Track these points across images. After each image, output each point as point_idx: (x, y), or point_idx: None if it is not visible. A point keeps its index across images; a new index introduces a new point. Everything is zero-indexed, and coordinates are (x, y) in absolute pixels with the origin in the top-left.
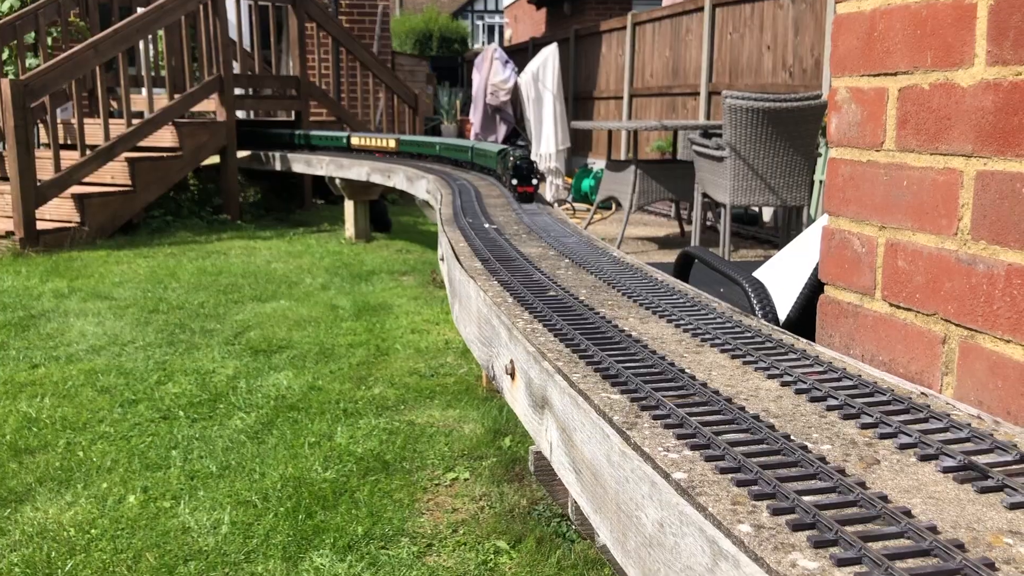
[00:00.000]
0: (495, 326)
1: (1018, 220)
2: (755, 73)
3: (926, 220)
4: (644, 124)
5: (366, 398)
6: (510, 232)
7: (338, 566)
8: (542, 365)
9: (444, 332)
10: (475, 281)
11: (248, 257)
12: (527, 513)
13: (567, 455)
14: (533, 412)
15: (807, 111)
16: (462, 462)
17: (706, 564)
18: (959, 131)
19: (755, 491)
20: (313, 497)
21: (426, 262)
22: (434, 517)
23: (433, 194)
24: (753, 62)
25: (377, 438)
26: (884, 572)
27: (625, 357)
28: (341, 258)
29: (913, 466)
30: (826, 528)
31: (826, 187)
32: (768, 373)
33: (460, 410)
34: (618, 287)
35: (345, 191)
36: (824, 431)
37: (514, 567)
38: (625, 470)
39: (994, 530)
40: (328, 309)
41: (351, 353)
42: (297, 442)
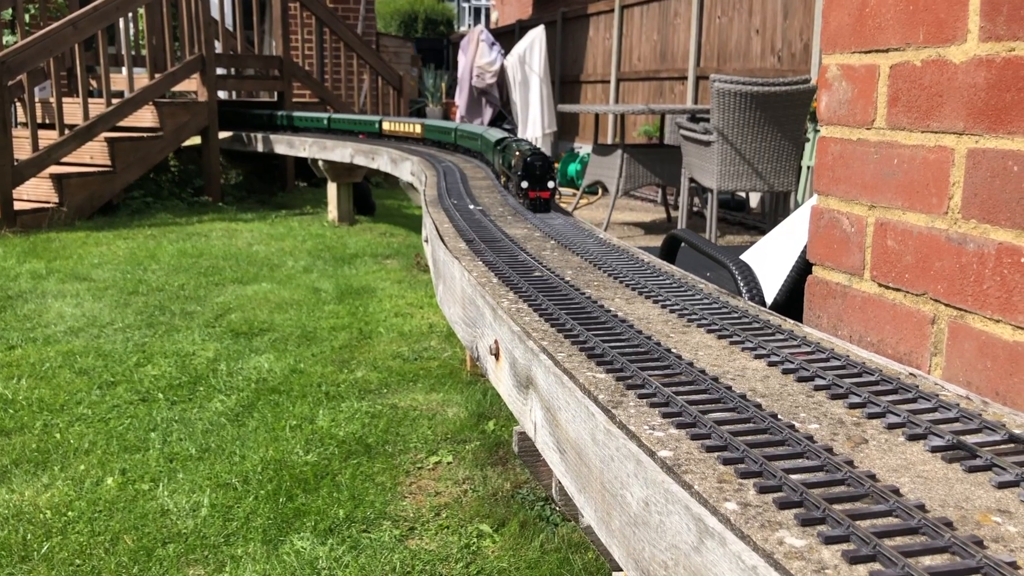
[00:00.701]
0: (479, 306)
1: (1009, 199)
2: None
3: (916, 199)
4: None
5: (348, 381)
6: (495, 213)
7: (319, 549)
8: (527, 344)
9: (428, 316)
10: (459, 262)
11: (229, 239)
12: (510, 496)
13: (551, 435)
14: (517, 392)
15: (795, 96)
16: (445, 445)
17: (692, 542)
18: (951, 108)
19: (742, 469)
20: (294, 480)
21: (410, 245)
22: (416, 501)
23: (417, 176)
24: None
25: (359, 421)
26: (872, 550)
27: (611, 337)
28: (324, 241)
29: (901, 445)
30: (813, 506)
31: (815, 166)
32: (755, 353)
33: (443, 394)
34: (604, 268)
35: (328, 173)
36: (812, 411)
37: (497, 551)
38: (610, 449)
39: (983, 509)
40: (310, 292)
41: (333, 336)
42: (278, 425)
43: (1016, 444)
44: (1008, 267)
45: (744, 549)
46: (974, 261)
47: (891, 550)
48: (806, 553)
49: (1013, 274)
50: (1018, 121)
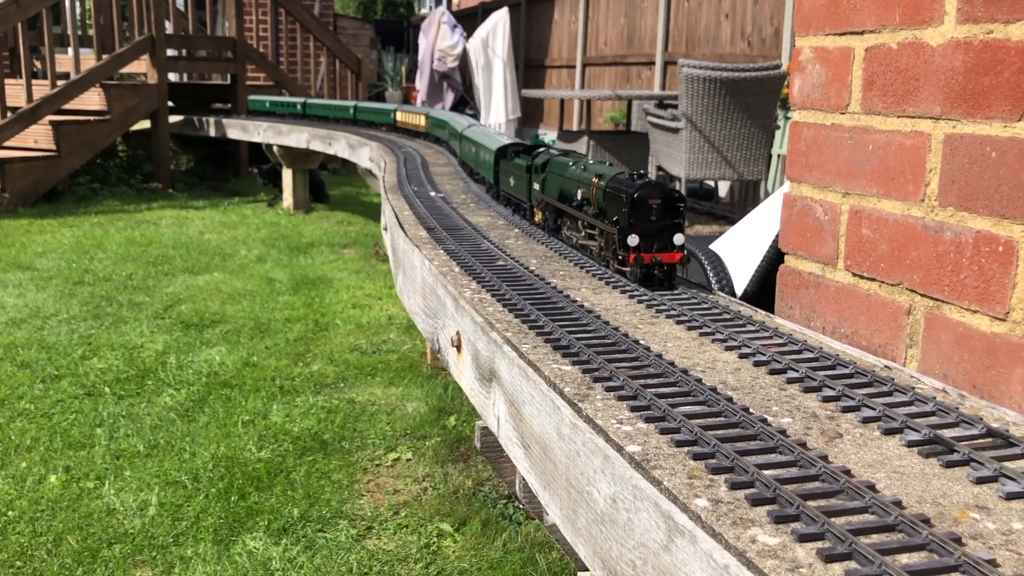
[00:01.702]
0: (441, 296)
1: (987, 185)
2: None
3: (892, 186)
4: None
5: (304, 375)
6: (457, 201)
7: (272, 549)
8: (490, 336)
9: (387, 307)
10: (420, 250)
11: (180, 227)
12: (472, 494)
13: (515, 429)
14: (480, 385)
15: (766, 81)
16: (404, 442)
17: (661, 540)
18: (927, 92)
19: (712, 465)
20: (246, 478)
21: (368, 234)
22: (374, 499)
23: (376, 162)
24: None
25: (315, 417)
26: (848, 548)
27: (577, 328)
28: (278, 229)
29: (877, 440)
30: (787, 503)
31: (788, 152)
32: (726, 345)
33: (403, 388)
34: (570, 257)
35: (284, 159)
36: (784, 404)
37: (458, 550)
38: (576, 444)
39: (960, 505)
40: (264, 282)
41: (288, 328)
42: (230, 420)
43: (994, 438)
44: (986, 256)
45: (715, 547)
46: (951, 250)
47: (867, 548)
48: (780, 551)
49: (991, 263)
50: (996, 106)
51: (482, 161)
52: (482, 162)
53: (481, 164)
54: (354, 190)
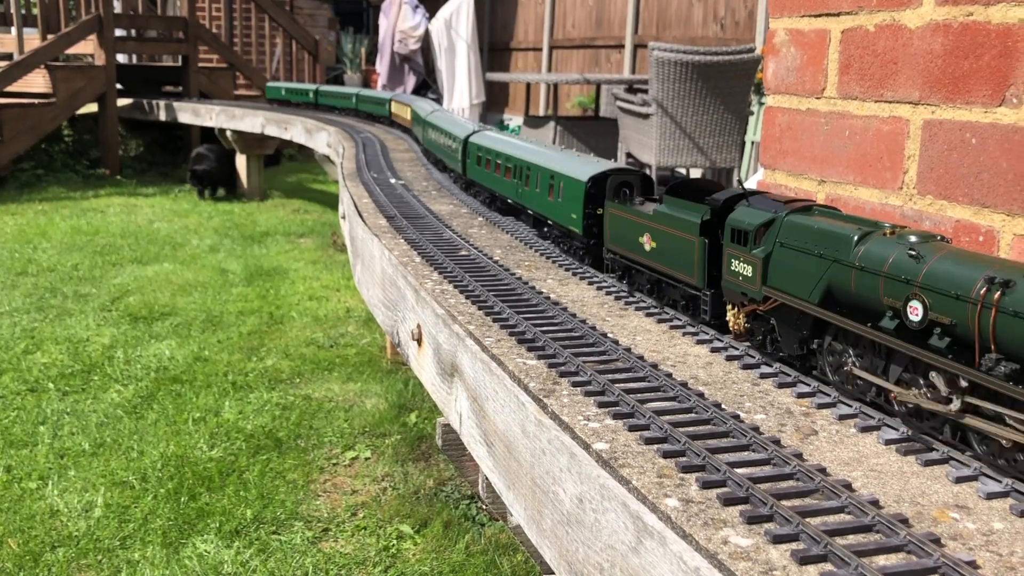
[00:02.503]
0: (401, 288)
1: (967, 173)
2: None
3: (869, 173)
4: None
5: (257, 370)
6: (419, 188)
7: (224, 552)
8: (452, 329)
9: (345, 299)
10: (379, 239)
11: (128, 215)
12: (433, 495)
13: (478, 427)
14: (442, 381)
15: (739, 66)
16: (363, 440)
17: (629, 542)
18: (906, 76)
19: (683, 463)
20: (197, 477)
21: (326, 223)
22: (331, 499)
23: (335, 147)
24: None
25: (269, 414)
26: (823, 549)
27: (543, 320)
28: (232, 218)
29: (853, 437)
30: (760, 503)
31: (762, 138)
32: (697, 338)
33: (362, 383)
34: (535, 247)
35: (237, 144)
36: (758, 400)
37: (418, 553)
38: (541, 441)
39: (939, 504)
40: (217, 273)
41: (241, 321)
42: (180, 418)
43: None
44: (966, 246)
45: (686, 549)
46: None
47: (843, 549)
48: (753, 553)
49: None
50: (976, 90)
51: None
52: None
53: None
54: (311, 177)
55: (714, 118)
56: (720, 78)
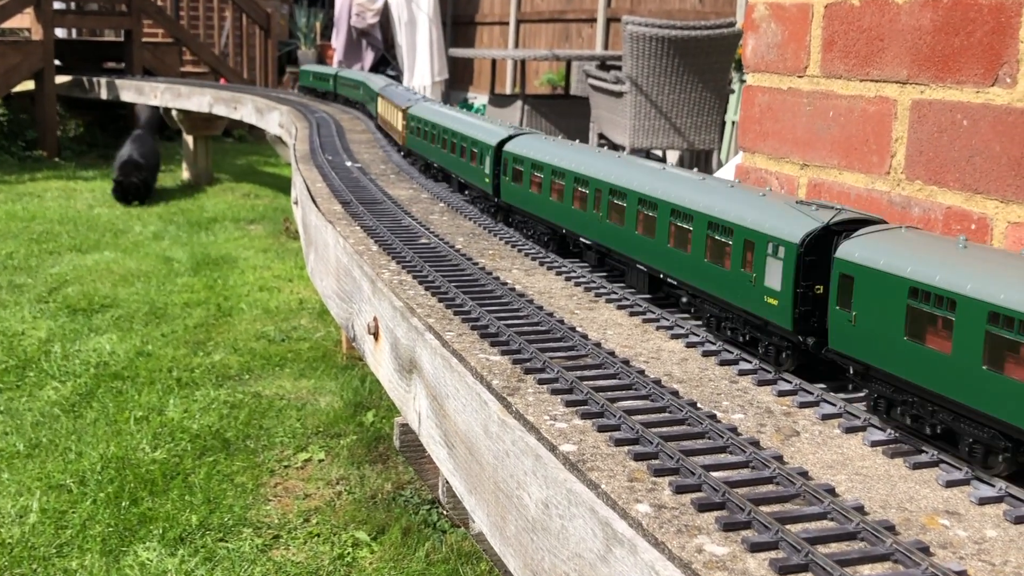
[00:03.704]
0: (356, 278)
1: (958, 157)
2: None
3: (855, 157)
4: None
5: (204, 366)
6: (376, 171)
7: (167, 561)
8: (411, 322)
9: (298, 290)
10: (334, 226)
11: (67, 200)
12: (391, 499)
13: (438, 427)
14: (400, 378)
15: (719, 41)
16: (316, 440)
17: (598, 550)
18: (893, 54)
19: (655, 466)
20: (139, 481)
21: (278, 209)
22: (282, 504)
23: (287, 128)
24: None
25: (216, 412)
26: (804, 558)
27: (507, 313)
28: (177, 203)
29: (837, 438)
30: (738, 508)
31: (740, 119)
32: (672, 332)
33: (315, 380)
34: (501, 235)
35: (184, 124)
36: (736, 398)
37: (375, 561)
38: (505, 443)
39: (929, 510)
40: (161, 262)
41: (187, 313)
42: (121, 417)
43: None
44: (957, 234)
45: (658, 558)
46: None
47: (825, 558)
48: (729, 562)
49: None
50: (968, 69)
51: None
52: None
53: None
54: (262, 159)
55: (692, 97)
56: (698, 54)
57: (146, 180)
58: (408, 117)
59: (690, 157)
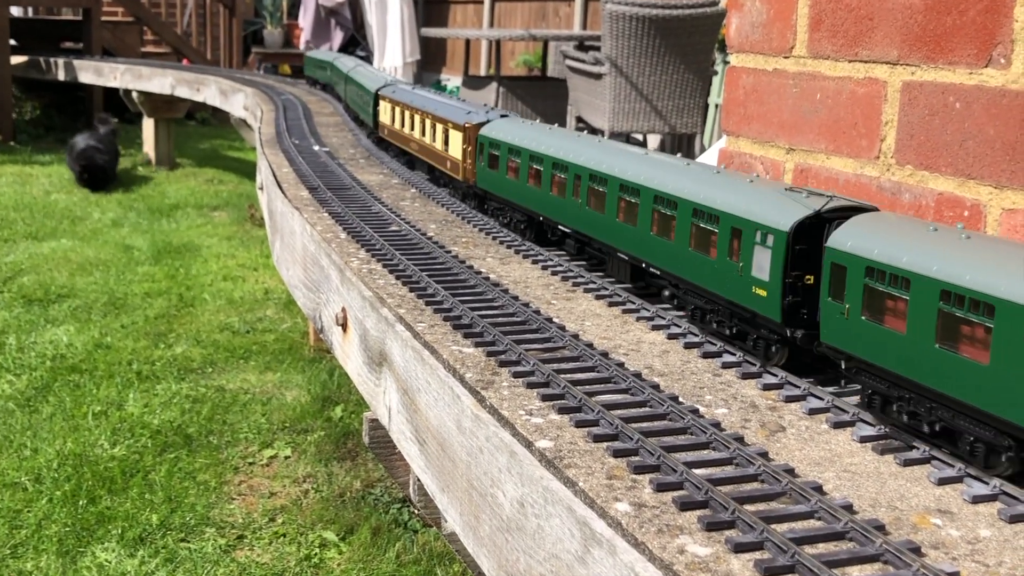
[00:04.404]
0: (324, 267)
1: (950, 141)
2: None
3: (843, 140)
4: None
5: (165, 358)
6: (345, 156)
7: (127, 562)
8: (380, 313)
9: (264, 279)
10: (300, 213)
11: (22, 186)
12: (361, 498)
13: (409, 422)
14: (369, 371)
15: (702, 20)
16: (283, 436)
17: (575, 551)
18: (883, 34)
19: (635, 463)
20: (97, 479)
21: (243, 195)
22: (247, 503)
23: (252, 111)
24: None
25: (178, 407)
26: (790, 559)
27: (481, 304)
28: (138, 189)
29: (825, 434)
30: (721, 507)
31: (724, 102)
32: (653, 324)
33: (281, 373)
34: (474, 222)
35: (144, 107)
36: (719, 392)
37: (344, 563)
38: (479, 438)
39: (920, 509)
40: (120, 250)
41: (148, 304)
42: (79, 412)
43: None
44: (950, 222)
45: (638, 559)
46: (910, 214)
47: (812, 559)
48: (712, 563)
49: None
50: (961, 49)
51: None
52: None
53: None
54: (226, 143)
55: (674, 79)
56: (680, 34)
57: (110, 164)
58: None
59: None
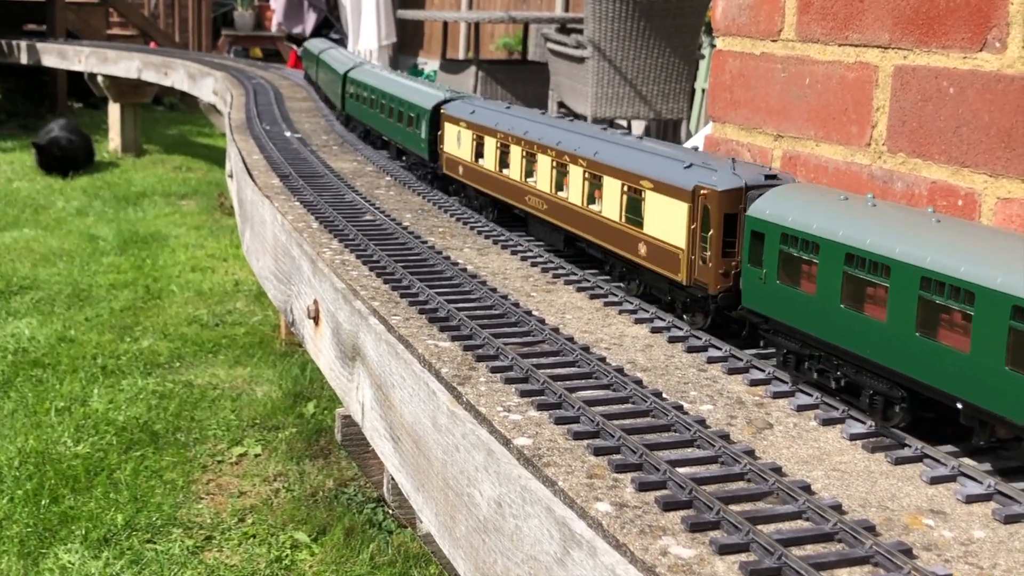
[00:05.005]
0: (295, 257)
1: (944, 127)
2: None
3: (833, 127)
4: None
5: (131, 352)
6: (318, 142)
7: (90, 564)
8: (354, 305)
9: (233, 270)
10: (271, 202)
11: None
12: (333, 497)
13: (383, 419)
14: (342, 365)
15: (687, 3)
16: (253, 433)
17: (555, 553)
18: (874, 16)
19: (617, 461)
20: (60, 477)
21: (212, 183)
22: (215, 503)
23: (222, 95)
24: None
25: (144, 403)
26: (777, 561)
27: (458, 296)
28: (103, 176)
29: (813, 431)
30: (705, 507)
31: (710, 87)
32: (636, 317)
33: (252, 368)
34: (451, 211)
35: (110, 92)
36: (704, 388)
37: (315, 564)
38: (455, 436)
39: (912, 509)
40: (85, 240)
41: (113, 296)
42: (41, 408)
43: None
44: (943, 211)
45: (619, 561)
46: (903, 203)
47: (800, 562)
48: (696, 566)
49: None
50: (955, 32)
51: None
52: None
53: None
54: (195, 129)
55: (659, 63)
56: (666, 17)
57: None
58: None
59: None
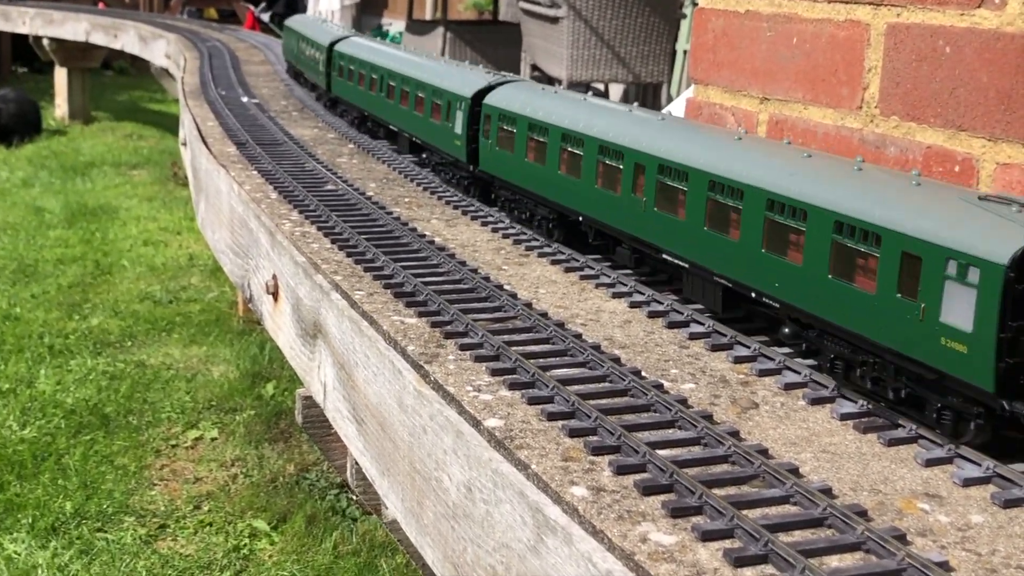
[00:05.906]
0: (253, 230)
1: (939, 89)
2: None
3: (821, 89)
4: None
5: (80, 331)
6: (277, 108)
7: (38, 554)
8: (315, 280)
9: (188, 244)
10: (227, 171)
11: None
12: (294, 483)
13: (346, 399)
14: (303, 344)
15: None
16: (209, 416)
17: (528, 540)
18: None
19: (593, 443)
20: (5, 463)
21: (165, 151)
22: (170, 489)
23: (174, 59)
24: None
25: (94, 384)
26: (763, 548)
27: (425, 270)
28: (50, 145)
29: (802, 411)
30: (687, 491)
31: (692, 48)
32: (613, 291)
33: (208, 347)
34: (417, 179)
35: (56, 55)
36: (686, 366)
37: (276, 554)
38: (422, 417)
39: (906, 493)
40: (31, 212)
41: (60, 271)
42: None
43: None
44: (939, 178)
45: (596, 548)
46: (897, 170)
47: (787, 548)
48: (677, 553)
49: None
50: None
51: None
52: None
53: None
54: (147, 95)
55: (638, 22)
56: None
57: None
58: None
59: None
